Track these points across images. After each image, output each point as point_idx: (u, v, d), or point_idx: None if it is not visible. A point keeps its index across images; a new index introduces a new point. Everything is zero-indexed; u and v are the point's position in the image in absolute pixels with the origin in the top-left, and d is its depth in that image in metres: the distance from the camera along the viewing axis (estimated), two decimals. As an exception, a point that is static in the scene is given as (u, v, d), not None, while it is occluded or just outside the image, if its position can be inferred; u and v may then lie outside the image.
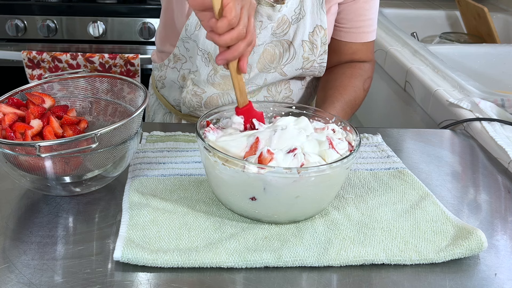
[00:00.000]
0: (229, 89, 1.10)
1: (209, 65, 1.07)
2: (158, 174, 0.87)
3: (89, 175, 0.81)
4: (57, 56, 1.85)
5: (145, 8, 2.07)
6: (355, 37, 1.13)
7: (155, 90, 1.26)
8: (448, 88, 1.29)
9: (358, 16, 1.10)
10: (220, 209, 0.79)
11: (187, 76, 1.12)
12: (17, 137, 0.76)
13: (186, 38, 1.06)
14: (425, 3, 2.22)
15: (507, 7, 2.12)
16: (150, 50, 2.08)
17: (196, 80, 1.10)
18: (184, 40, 1.07)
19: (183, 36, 1.06)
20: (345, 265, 0.70)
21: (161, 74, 1.19)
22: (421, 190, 0.86)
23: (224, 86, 1.10)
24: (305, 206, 0.75)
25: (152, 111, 1.30)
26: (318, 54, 1.09)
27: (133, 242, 0.70)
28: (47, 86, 0.89)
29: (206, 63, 1.06)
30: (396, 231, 0.75)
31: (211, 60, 1.06)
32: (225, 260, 0.68)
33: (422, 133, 1.13)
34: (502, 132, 1.06)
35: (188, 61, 1.11)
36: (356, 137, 0.79)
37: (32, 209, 0.78)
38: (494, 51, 1.68)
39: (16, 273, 0.65)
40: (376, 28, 1.15)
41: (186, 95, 1.13)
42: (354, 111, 1.12)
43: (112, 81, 0.89)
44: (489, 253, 0.74)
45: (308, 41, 1.06)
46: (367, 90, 1.15)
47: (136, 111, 0.78)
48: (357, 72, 1.14)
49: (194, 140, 0.98)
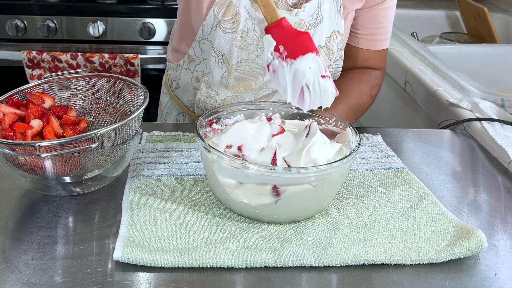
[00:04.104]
0: (242, 91, 1.10)
1: (223, 67, 1.06)
2: (158, 174, 0.87)
3: (89, 175, 0.81)
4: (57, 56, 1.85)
5: (145, 8, 2.07)
6: (369, 44, 1.12)
7: (168, 90, 1.26)
8: (448, 88, 1.29)
9: (374, 24, 1.10)
10: (220, 209, 0.79)
11: (201, 78, 1.12)
12: (17, 137, 0.76)
13: (202, 39, 1.06)
14: (425, 3, 2.22)
15: (507, 7, 2.12)
16: (150, 50, 2.08)
17: (210, 82, 1.10)
18: (200, 41, 1.07)
19: (199, 36, 1.06)
20: (345, 265, 0.70)
21: (176, 74, 1.19)
22: (421, 190, 0.86)
23: (238, 89, 1.09)
24: (305, 206, 0.75)
25: (166, 111, 1.29)
26: (334, 59, 1.08)
27: (133, 242, 0.70)
28: (47, 86, 0.89)
29: (219, 64, 1.06)
30: (396, 231, 0.75)
31: (225, 62, 1.06)
32: (225, 260, 0.68)
33: (422, 133, 1.13)
34: (502, 132, 1.06)
35: (202, 63, 1.11)
36: (356, 137, 0.79)
37: (32, 209, 0.78)
38: (494, 51, 1.68)
39: (16, 273, 0.65)
40: (390, 37, 1.14)
41: (200, 97, 1.12)
42: (358, 116, 1.12)
43: (112, 81, 0.89)
44: (489, 253, 0.74)
45: (324, 46, 1.06)
46: (374, 97, 1.15)
47: (136, 111, 0.78)
48: (366, 78, 1.13)
49: (194, 140, 0.98)
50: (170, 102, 1.27)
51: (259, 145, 0.77)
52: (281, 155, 0.75)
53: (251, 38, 1.01)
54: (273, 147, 0.76)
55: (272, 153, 0.75)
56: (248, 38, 1.01)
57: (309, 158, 0.74)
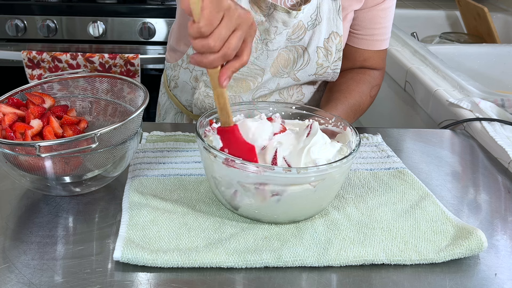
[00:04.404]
0: (241, 91, 1.10)
1: None
2: (158, 174, 0.87)
3: (89, 175, 0.81)
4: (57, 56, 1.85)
5: (145, 8, 2.07)
6: (368, 44, 1.12)
7: (167, 90, 1.26)
8: (448, 88, 1.29)
9: (373, 24, 1.10)
10: (220, 209, 0.79)
11: (200, 78, 1.12)
12: (17, 137, 0.76)
13: None
14: (425, 3, 2.22)
15: (507, 7, 2.12)
16: (150, 50, 2.08)
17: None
18: None
19: None
20: (345, 265, 0.70)
21: (174, 74, 1.19)
22: (421, 190, 0.86)
23: (237, 89, 1.09)
24: (305, 206, 0.75)
25: (164, 110, 1.29)
26: (332, 60, 1.08)
27: (133, 242, 0.70)
28: (47, 86, 0.89)
29: None
30: (396, 231, 0.75)
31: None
32: (225, 260, 0.68)
33: (422, 133, 1.13)
34: (502, 132, 1.06)
35: None
36: (356, 137, 0.79)
37: (32, 209, 0.78)
38: (494, 51, 1.68)
39: (16, 273, 0.65)
40: (389, 37, 1.14)
41: (199, 96, 1.12)
42: (357, 117, 1.12)
43: (112, 81, 0.89)
44: (489, 253, 0.74)
45: (323, 48, 1.06)
46: (373, 97, 1.15)
47: (136, 111, 0.78)
48: (366, 78, 1.13)
49: (194, 140, 0.98)
50: (168, 102, 1.27)
51: (261, 143, 0.77)
52: (281, 155, 0.75)
53: None
54: (274, 146, 0.76)
55: (273, 152, 0.75)
56: None
57: (309, 158, 0.74)
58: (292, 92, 1.15)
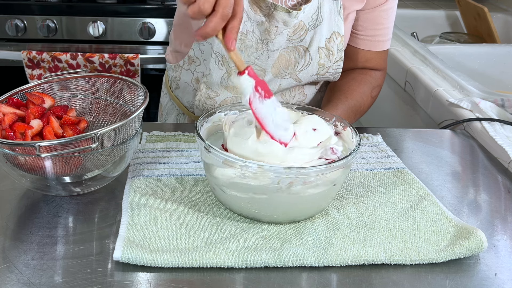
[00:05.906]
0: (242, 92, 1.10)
1: (223, 68, 1.06)
2: (158, 174, 0.87)
3: (89, 175, 0.81)
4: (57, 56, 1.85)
5: (145, 8, 2.07)
6: (370, 45, 1.12)
7: (168, 90, 1.26)
8: (448, 88, 1.29)
9: (375, 25, 1.10)
10: (220, 209, 0.79)
11: (201, 79, 1.12)
12: (17, 137, 0.76)
13: None
14: (425, 3, 2.22)
15: (507, 7, 2.12)
16: (150, 50, 2.08)
17: (209, 83, 1.10)
18: (200, 42, 1.07)
19: None
20: (345, 265, 0.70)
21: (175, 75, 1.19)
22: (421, 190, 0.86)
23: (238, 90, 1.09)
24: (305, 206, 0.75)
25: (166, 111, 1.29)
26: (334, 60, 1.08)
27: (133, 242, 0.70)
28: (47, 86, 0.89)
29: (219, 66, 1.06)
30: (396, 231, 0.75)
31: (225, 64, 1.05)
32: (225, 260, 0.68)
33: (422, 133, 1.13)
34: (502, 132, 1.06)
35: (202, 64, 1.11)
36: (356, 137, 0.79)
37: (32, 209, 0.78)
38: (494, 51, 1.68)
39: (16, 273, 0.65)
40: (391, 38, 1.14)
41: (200, 98, 1.12)
42: (358, 117, 1.12)
43: (112, 81, 0.89)
44: (489, 253, 0.74)
45: (324, 48, 1.05)
46: (374, 98, 1.15)
47: (136, 111, 0.78)
48: (367, 79, 1.13)
49: (194, 140, 0.98)
50: (170, 103, 1.27)
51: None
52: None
53: (250, 40, 1.01)
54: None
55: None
56: (247, 40, 1.01)
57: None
58: (294, 93, 1.14)
